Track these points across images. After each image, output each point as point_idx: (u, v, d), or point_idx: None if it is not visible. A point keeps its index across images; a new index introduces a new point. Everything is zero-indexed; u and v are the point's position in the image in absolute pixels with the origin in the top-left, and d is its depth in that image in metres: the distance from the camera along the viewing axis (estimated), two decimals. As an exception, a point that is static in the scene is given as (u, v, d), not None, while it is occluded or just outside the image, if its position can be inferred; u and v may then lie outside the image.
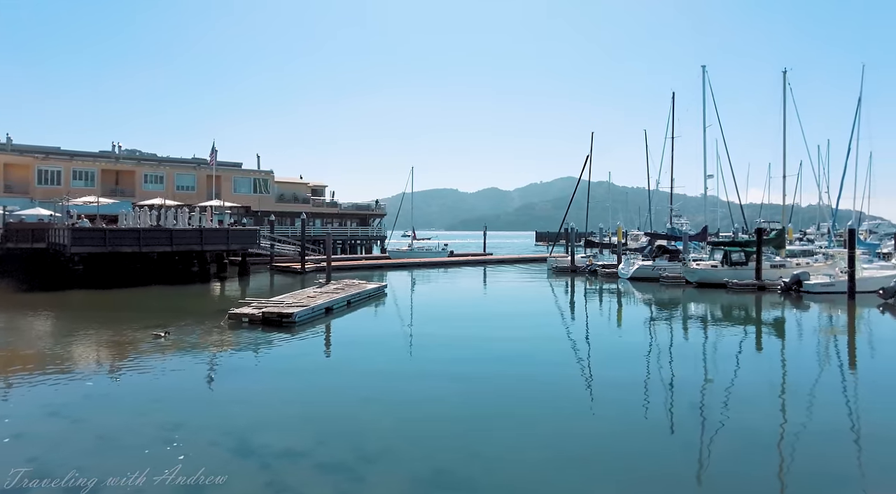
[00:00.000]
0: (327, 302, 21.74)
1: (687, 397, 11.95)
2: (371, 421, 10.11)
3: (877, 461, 8.67)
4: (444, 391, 12.12)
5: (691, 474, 8.18)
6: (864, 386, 13.26)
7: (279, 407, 10.96)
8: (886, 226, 69.13)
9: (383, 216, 65.27)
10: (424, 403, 11.25)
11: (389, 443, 8.99)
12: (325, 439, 9.17)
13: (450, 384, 12.67)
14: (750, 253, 33.73)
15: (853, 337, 19.83)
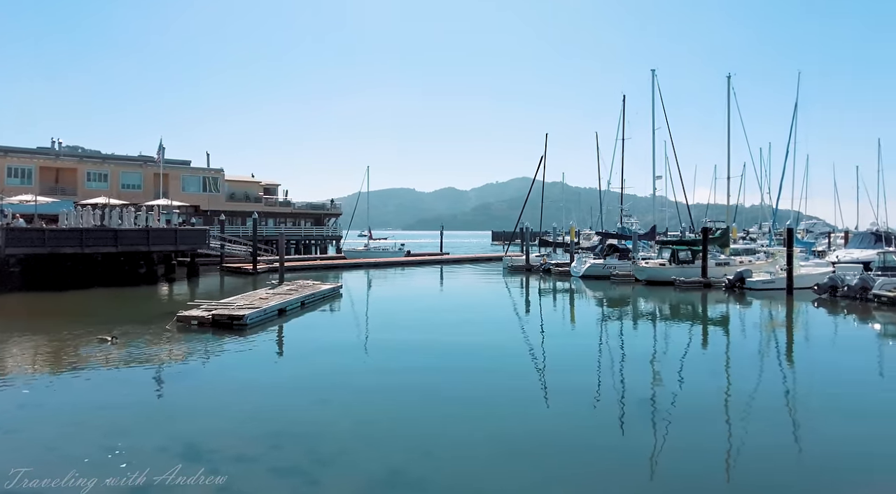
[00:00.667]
0: (280, 304, 21.36)
1: (637, 392, 12.30)
2: (326, 423, 10.00)
3: (815, 446, 9.13)
4: (399, 391, 12.10)
5: (643, 467, 8.41)
6: (802, 377, 13.96)
7: (230, 411, 10.70)
8: (821, 226, 72.92)
9: (339, 216, 64.52)
10: (380, 404, 11.20)
11: (345, 445, 8.91)
12: (279, 442, 9.01)
13: (405, 384, 12.66)
14: (696, 251, 34.94)
15: (791, 330, 20.83)
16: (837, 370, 14.77)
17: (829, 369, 14.93)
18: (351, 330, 20.25)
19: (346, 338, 18.10)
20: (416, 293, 32.51)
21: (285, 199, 61.75)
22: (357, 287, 34.01)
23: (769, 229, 47.57)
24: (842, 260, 37.90)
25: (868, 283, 26.28)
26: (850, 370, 14.69)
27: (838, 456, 8.80)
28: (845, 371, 14.61)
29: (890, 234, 38.95)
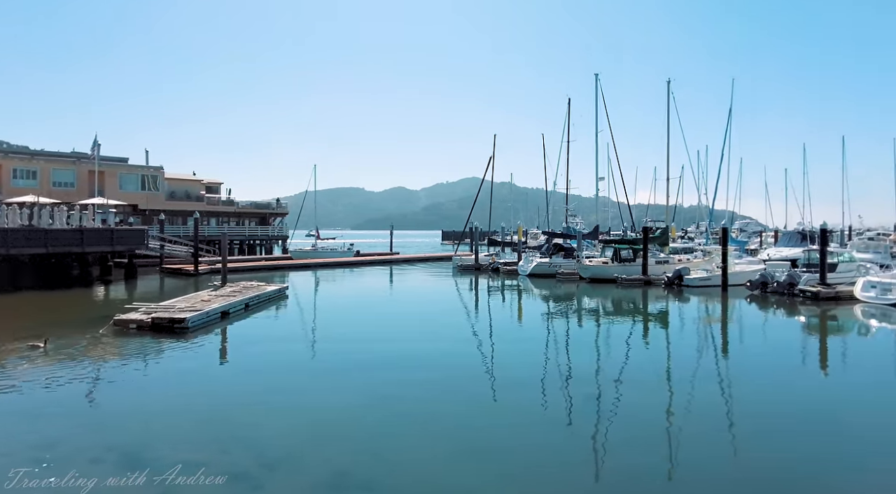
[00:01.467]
0: (223, 306, 20.79)
1: (582, 387, 12.64)
2: (272, 427, 9.83)
3: (748, 432, 9.63)
4: (346, 393, 12.01)
5: (588, 462, 8.67)
6: (735, 367, 14.69)
7: (171, 417, 10.37)
8: (754, 226, 76.71)
9: (285, 215, 63.22)
10: (327, 406, 11.09)
11: (291, 448, 8.80)
12: (223, 448, 8.80)
13: (352, 385, 12.58)
14: (637, 250, 36.14)
15: (726, 325, 21.87)
16: (768, 361, 15.62)
17: (760, 361, 15.78)
18: (297, 331, 19.93)
19: (292, 341, 17.81)
20: (364, 293, 32.28)
21: (228, 198, 60.02)
22: (304, 288, 33.48)
23: (706, 229, 49.68)
24: (772, 257, 40.05)
25: (794, 279, 27.87)
26: (778, 361, 15.58)
27: (771, 446, 9.31)
28: (774, 362, 15.48)
29: (814, 233, 41.38)
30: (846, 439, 9.57)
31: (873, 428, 10.08)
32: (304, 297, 29.31)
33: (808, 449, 9.06)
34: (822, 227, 28.66)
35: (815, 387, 13.17)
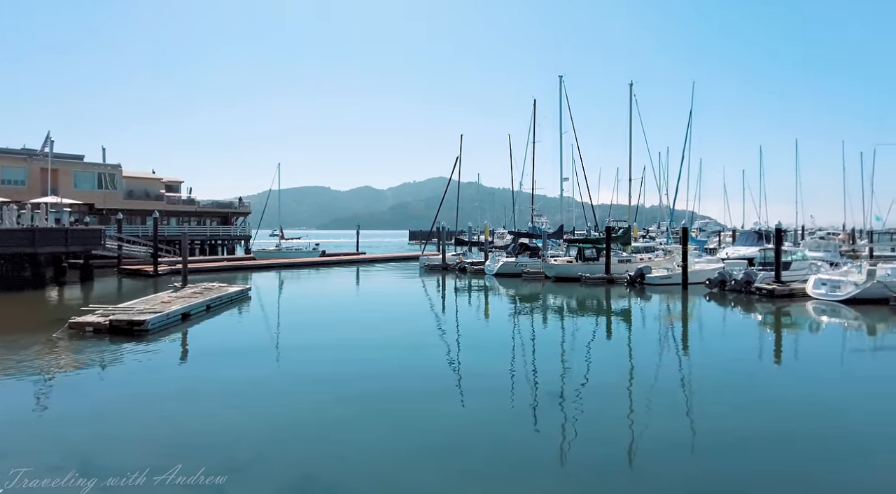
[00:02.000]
0: (184, 308, 20.31)
1: (547, 384, 12.79)
2: (236, 431, 9.65)
3: (708, 425, 9.91)
4: (310, 395, 11.89)
5: (552, 457, 8.78)
6: (695, 363, 15.08)
7: (131, 423, 10.08)
8: (713, 225, 78.90)
9: (248, 214, 62.10)
10: (292, 409, 10.95)
11: (255, 453, 8.65)
12: (185, 453, 8.59)
13: (317, 387, 12.45)
14: (600, 249, 36.77)
15: (686, 322, 22.44)
16: (726, 357, 16.11)
17: (718, 356, 16.27)
18: (261, 333, 19.62)
19: (255, 342, 17.52)
20: (330, 294, 31.97)
21: (189, 197, 58.62)
22: (267, 289, 32.96)
23: (667, 228, 50.86)
24: (730, 256, 41.27)
25: (751, 277, 28.77)
26: (736, 356, 16.07)
27: (729, 438, 9.59)
28: (732, 357, 15.97)
29: (770, 233, 42.80)
30: (798, 429, 9.92)
31: (822, 418, 10.49)
32: (268, 298, 28.86)
33: (764, 440, 9.36)
34: (778, 227, 29.66)
35: (770, 381, 13.63)
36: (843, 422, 10.39)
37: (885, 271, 25.91)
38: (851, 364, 15.91)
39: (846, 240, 57.99)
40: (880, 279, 25.09)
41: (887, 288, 24.65)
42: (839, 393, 12.48)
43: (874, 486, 7.82)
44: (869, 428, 10.04)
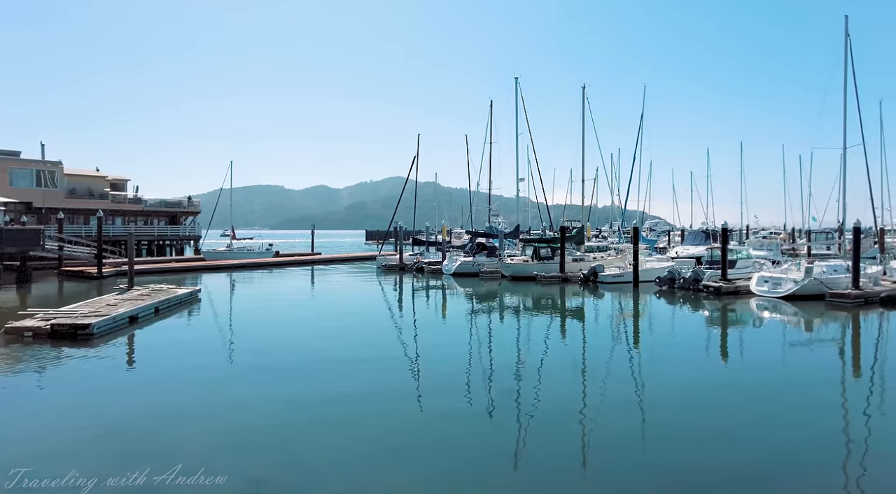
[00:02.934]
0: (131, 311, 19.59)
1: (504, 381, 12.94)
2: (186, 437, 9.37)
3: (658, 417, 10.22)
4: (263, 398, 11.64)
5: (508, 453, 8.88)
6: (646, 358, 15.51)
7: (73, 431, 9.65)
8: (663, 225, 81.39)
9: (197, 214, 60.31)
10: (242, 413, 10.70)
11: (205, 459, 8.41)
12: (129, 460, 8.28)
13: (269, 390, 12.21)
14: (555, 248, 37.40)
15: (637, 319, 23.07)
16: (675, 352, 16.66)
17: (668, 351, 16.79)
18: (211, 336, 19.10)
19: (206, 345, 17.06)
20: (283, 295, 31.39)
21: (136, 196, 56.51)
22: (218, 290, 32.13)
23: (619, 228, 52.14)
24: (679, 255, 42.69)
25: (699, 276, 29.81)
26: (684, 352, 16.65)
27: (678, 430, 9.91)
28: (681, 353, 16.53)
29: (716, 232, 44.45)
30: (743, 418, 10.34)
31: (765, 407, 10.97)
32: (219, 300, 28.13)
33: (711, 431, 9.72)
34: (724, 227, 30.82)
35: (717, 374, 14.16)
36: (783, 411, 10.88)
37: (820, 269, 27.29)
38: (790, 357, 16.69)
39: (787, 239, 60.79)
40: (816, 276, 26.40)
41: (823, 284, 25.96)
42: (779, 383, 13.07)
43: (816, 470, 8.22)
44: (807, 417, 10.56)
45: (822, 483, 7.87)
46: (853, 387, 13.25)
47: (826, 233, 50.83)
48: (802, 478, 8.03)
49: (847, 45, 30.28)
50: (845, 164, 30.71)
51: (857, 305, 24.24)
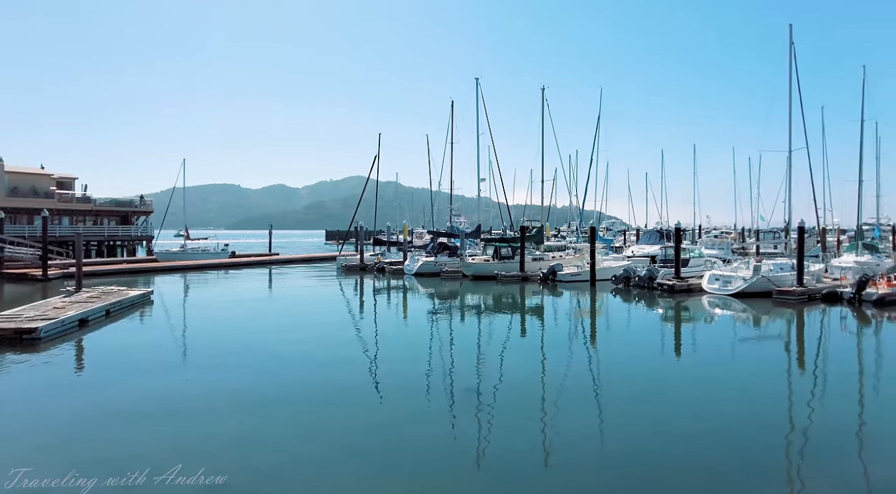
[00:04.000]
0: (81, 314, 18.87)
1: (465, 380, 13.02)
2: (137, 444, 9.08)
3: (616, 413, 10.46)
4: (218, 402, 11.40)
5: (469, 451, 8.94)
6: (604, 356, 15.86)
7: (18, 439, 9.24)
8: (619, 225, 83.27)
9: (149, 213, 58.46)
10: (197, 416, 10.47)
11: (157, 467, 8.17)
12: (78, 468, 7.98)
13: (225, 393, 11.95)
14: (516, 248, 37.84)
15: (594, 317, 23.55)
16: (631, 349, 17.09)
17: (624, 348, 17.21)
18: (165, 339, 18.57)
19: (159, 349, 16.57)
20: (239, 297, 30.73)
21: (84, 195, 54.40)
22: (171, 292, 31.24)
23: (577, 228, 53.13)
24: (635, 254, 43.77)
25: (653, 274, 30.64)
26: (639, 348, 17.10)
27: (637, 427, 10.18)
28: (637, 349, 16.97)
29: (670, 232, 45.73)
30: (696, 410, 10.70)
31: (716, 400, 11.38)
32: (172, 302, 27.37)
33: (666, 424, 10.02)
34: (677, 227, 31.77)
35: (671, 369, 14.60)
36: (732, 403, 11.31)
37: (768, 267, 28.45)
38: (740, 351, 17.33)
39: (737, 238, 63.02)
40: (764, 274, 27.50)
41: (770, 282, 27.06)
42: (729, 377, 13.59)
43: (764, 458, 8.58)
44: (755, 407, 11.00)
45: (769, 471, 8.21)
46: (797, 379, 13.87)
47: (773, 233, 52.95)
48: (751, 467, 8.37)
49: (791, 53, 31.65)
50: (791, 167, 32.11)
51: (802, 301, 25.36)
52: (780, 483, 7.91)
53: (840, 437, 9.60)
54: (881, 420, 10.59)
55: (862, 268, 30.03)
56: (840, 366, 15.31)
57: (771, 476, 8.08)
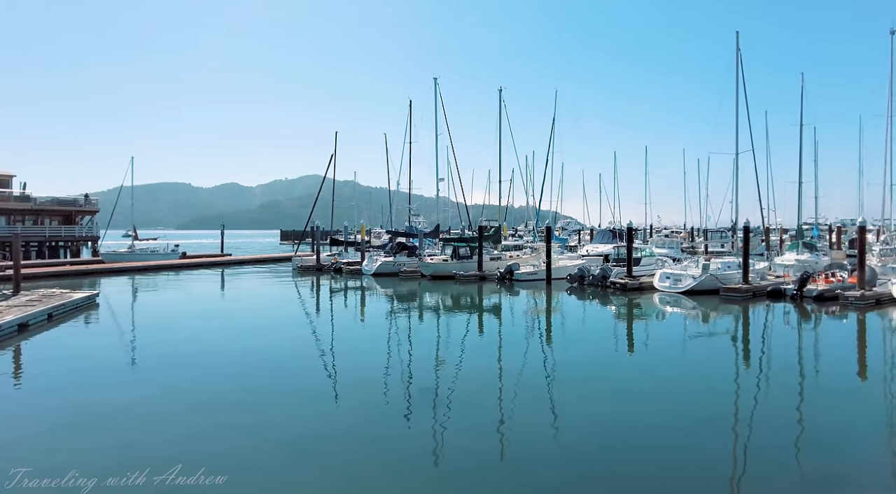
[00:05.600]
0: (21, 318, 17.96)
1: (422, 380, 13.00)
2: (80, 451, 8.70)
3: (569, 409, 10.62)
4: (167, 407, 11.04)
5: (427, 450, 8.93)
6: (559, 354, 16.11)
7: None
8: (574, 224, 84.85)
9: (95, 213, 56.16)
10: (143, 424, 10.10)
11: (104, 474, 7.86)
12: (18, 485, 7.60)
13: (175, 399, 11.59)
14: (474, 247, 38.05)
15: (550, 315, 23.90)
16: (585, 347, 17.44)
17: (579, 346, 17.54)
18: (111, 343, 17.83)
19: (105, 354, 15.91)
20: (190, 299, 29.85)
21: (23, 193, 51.80)
22: (118, 295, 30.08)
23: (533, 227, 53.80)
24: (589, 253, 44.60)
25: (607, 273, 31.30)
26: (594, 346, 17.45)
27: (591, 422, 10.37)
28: (591, 347, 17.34)
29: (623, 231, 46.84)
30: (648, 404, 10.99)
31: (667, 394, 11.72)
32: (119, 305, 26.35)
33: (619, 418, 10.26)
34: (629, 226, 32.56)
35: (623, 364, 14.96)
36: (683, 397, 11.67)
37: (716, 265, 29.46)
38: (689, 347, 17.90)
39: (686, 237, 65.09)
40: (712, 272, 28.48)
41: (718, 279, 28.04)
42: (679, 372, 14.02)
43: (713, 448, 8.88)
44: (704, 399, 11.39)
45: (718, 461, 8.50)
46: (744, 373, 14.41)
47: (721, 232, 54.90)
48: (700, 457, 8.65)
49: (738, 58, 32.91)
50: (737, 168, 33.40)
51: (747, 298, 26.38)
52: (726, 473, 8.20)
53: (783, 427, 10.01)
54: (822, 408, 11.15)
55: (802, 266, 31.49)
56: (784, 359, 15.99)
57: (719, 466, 8.37)
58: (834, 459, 8.68)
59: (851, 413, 10.93)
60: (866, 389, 12.92)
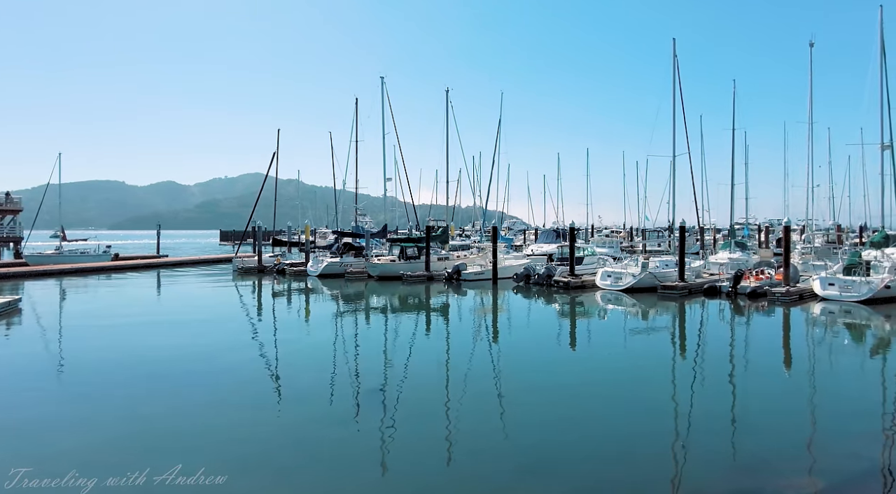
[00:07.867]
0: (-71, 325, 16.61)
1: (369, 381, 12.85)
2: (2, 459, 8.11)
3: (516, 406, 10.71)
4: (99, 415, 10.46)
5: (374, 452, 8.79)
6: (505, 352, 16.27)
7: None
8: (520, 224, 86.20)
9: (18, 212, 52.83)
10: (74, 433, 9.52)
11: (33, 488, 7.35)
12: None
13: (107, 407, 11.01)
14: (421, 248, 37.96)
15: (496, 314, 24.13)
16: (531, 344, 17.70)
17: (524, 344, 17.80)
18: (35, 351, 16.75)
19: (28, 362, 14.94)
20: (123, 303, 28.42)
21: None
22: (44, 300, 28.38)
23: (480, 227, 54.25)
24: (534, 253, 45.39)
25: (551, 272, 31.89)
26: (539, 343, 17.74)
27: (534, 416, 10.49)
28: (536, 344, 17.60)
29: (566, 231, 47.85)
30: (591, 399, 11.24)
31: (610, 387, 12.04)
32: (44, 311, 24.84)
33: (564, 414, 10.43)
34: (571, 226, 33.31)
35: (567, 360, 15.28)
36: (624, 390, 12.00)
37: (654, 264, 30.52)
38: (630, 342, 18.44)
39: (626, 237, 67.20)
40: (651, 271, 29.48)
41: (656, 278, 29.04)
42: (621, 366, 14.43)
43: (653, 439, 9.14)
44: (644, 392, 11.74)
45: (655, 451, 8.76)
46: (680, 365, 14.97)
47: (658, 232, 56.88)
48: (639, 447, 8.89)
49: (675, 65, 34.25)
50: (675, 170, 34.78)
51: (683, 295, 27.44)
52: (667, 459, 8.46)
53: (717, 417, 10.46)
54: (754, 397, 11.75)
55: (735, 264, 33.05)
56: (717, 352, 16.72)
57: (660, 453, 8.63)
58: (764, 440, 9.12)
59: (779, 397, 11.72)
60: (792, 376, 13.74)
